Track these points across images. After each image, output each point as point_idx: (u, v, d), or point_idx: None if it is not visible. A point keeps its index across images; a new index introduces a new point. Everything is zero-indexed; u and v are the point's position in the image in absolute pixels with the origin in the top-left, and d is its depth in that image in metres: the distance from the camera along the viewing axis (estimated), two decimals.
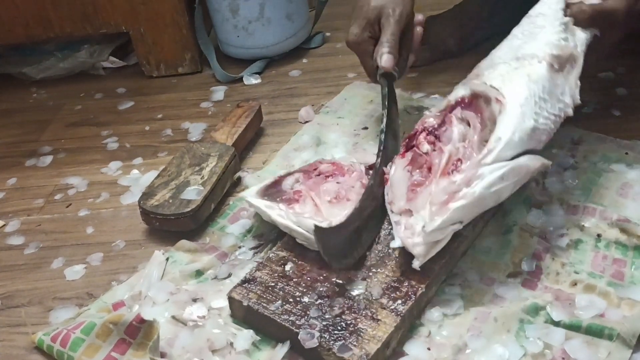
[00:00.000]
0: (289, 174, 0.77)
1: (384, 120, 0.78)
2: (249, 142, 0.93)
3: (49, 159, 0.97)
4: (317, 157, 0.86)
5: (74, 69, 1.19)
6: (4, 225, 0.84)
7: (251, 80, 1.11)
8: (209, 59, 1.15)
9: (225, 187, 0.83)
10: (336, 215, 0.69)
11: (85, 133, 1.03)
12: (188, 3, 1.13)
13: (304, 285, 0.64)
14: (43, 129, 1.06)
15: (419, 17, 0.84)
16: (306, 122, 0.96)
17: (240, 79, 1.12)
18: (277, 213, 0.70)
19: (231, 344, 0.62)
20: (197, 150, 0.85)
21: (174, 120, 1.03)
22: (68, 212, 0.86)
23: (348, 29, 0.83)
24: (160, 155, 0.94)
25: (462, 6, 1.08)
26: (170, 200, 0.78)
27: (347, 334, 0.58)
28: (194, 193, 0.78)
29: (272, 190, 0.74)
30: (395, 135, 0.80)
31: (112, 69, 1.21)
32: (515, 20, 0.75)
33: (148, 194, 0.80)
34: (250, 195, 0.74)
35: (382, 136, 0.76)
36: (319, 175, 0.76)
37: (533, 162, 0.64)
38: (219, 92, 1.09)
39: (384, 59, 0.79)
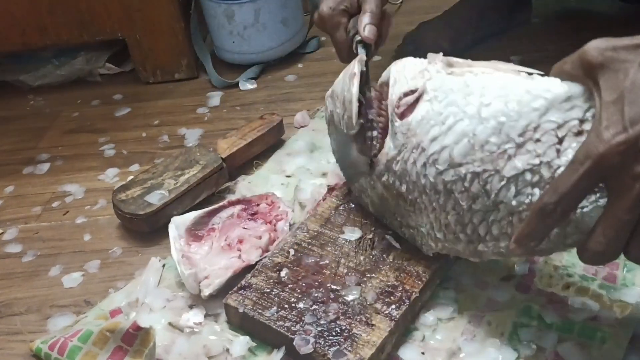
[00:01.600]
0: (232, 203, 0.76)
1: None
2: (259, 154, 0.90)
3: (46, 167, 0.98)
4: (311, 162, 0.87)
5: (71, 76, 1.19)
6: (2, 233, 0.85)
7: (247, 85, 1.12)
8: (205, 65, 1.15)
9: (199, 197, 0.82)
10: (214, 264, 0.69)
11: (82, 140, 1.04)
12: (184, 9, 1.14)
13: (299, 291, 0.64)
14: (40, 136, 1.06)
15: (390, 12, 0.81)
16: (302, 127, 0.97)
17: (236, 85, 1.12)
18: (175, 246, 0.71)
19: (227, 350, 0.63)
20: (192, 155, 0.85)
21: (171, 126, 1.04)
22: (65, 220, 0.86)
23: (321, 3, 0.79)
24: (157, 161, 0.95)
25: (453, 10, 1.10)
26: (136, 199, 0.78)
27: (342, 339, 0.59)
28: (156, 198, 0.78)
29: (203, 220, 0.75)
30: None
31: (109, 75, 1.21)
32: (504, 22, 0.73)
33: (125, 186, 0.81)
34: (176, 222, 0.73)
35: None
36: (254, 213, 0.75)
37: None
38: (215, 98, 1.09)
39: (368, 29, 0.74)
